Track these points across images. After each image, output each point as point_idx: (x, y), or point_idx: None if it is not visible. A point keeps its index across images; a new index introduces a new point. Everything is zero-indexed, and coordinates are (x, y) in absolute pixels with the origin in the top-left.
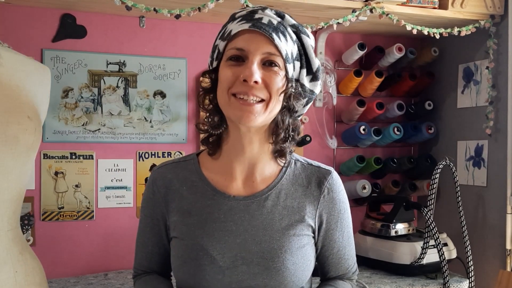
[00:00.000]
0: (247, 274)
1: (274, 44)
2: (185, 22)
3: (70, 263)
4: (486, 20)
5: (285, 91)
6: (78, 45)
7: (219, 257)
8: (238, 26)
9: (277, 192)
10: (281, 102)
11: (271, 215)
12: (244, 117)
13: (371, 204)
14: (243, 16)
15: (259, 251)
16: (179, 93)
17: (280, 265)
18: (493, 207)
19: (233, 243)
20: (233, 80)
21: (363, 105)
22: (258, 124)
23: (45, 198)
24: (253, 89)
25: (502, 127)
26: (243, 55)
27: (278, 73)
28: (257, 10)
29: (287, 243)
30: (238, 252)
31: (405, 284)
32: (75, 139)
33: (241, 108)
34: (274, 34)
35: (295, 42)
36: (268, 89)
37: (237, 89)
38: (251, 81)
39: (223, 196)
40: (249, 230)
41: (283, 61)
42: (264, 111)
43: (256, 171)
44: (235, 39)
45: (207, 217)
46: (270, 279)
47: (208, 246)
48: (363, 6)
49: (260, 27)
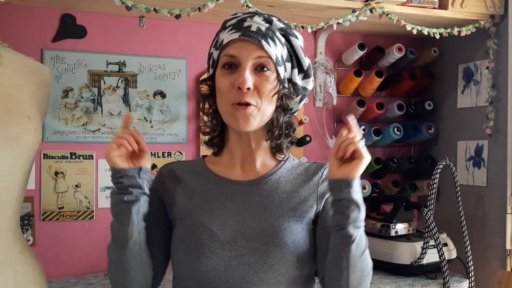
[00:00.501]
0: (247, 248)
1: (264, 50)
2: (185, 22)
3: (70, 263)
4: (486, 20)
5: (278, 92)
6: (78, 45)
7: (219, 232)
8: (229, 36)
9: (276, 178)
10: (275, 103)
11: (270, 197)
12: (241, 123)
13: (371, 204)
14: (233, 25)
15: (259, 227)
16: (179, 93)
17: (279, 241)
18: (493, 207)
19: (233, 220)
20: (230, 88)
21: (363, 105)
22: (254, 127)
23: (45, 198)
24: (246, 95)
25: (502, 127)
26: (236, 62)
27: (270, 76)
28: (245, 18)
29: (286, 222)
30: (238, 228)
31: (405, 284)
32: (75, 139)
33: (237, 115)
34: (263, 40)
35: (284, 45)
36: (259, 94)
37: (234, 98)
38: (244, 88)
39: (225, 181)
40: (248, 209)
41: (273, 64)
42: (257, 114)
43: (256, 162)
44: (227, 47)
45: (209, 199)
46: (269, 255)
47: (209, 223)
48: (363, 6)
49: (249, 35)
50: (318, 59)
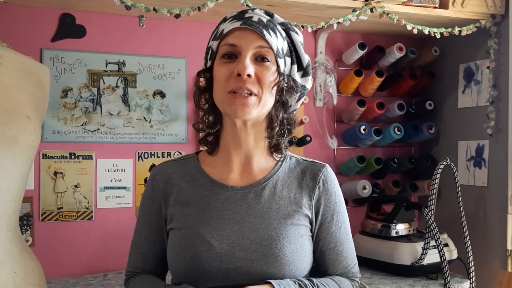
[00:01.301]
0: (245, 260)
1: (265, 40)
2: (184, 22)
3: (69, 264)
4: (487, 19)
5: (277, 84)
6: (77, 45)
7: (216, 244)
8: (230, 25)
9: (273, 182)
10: (274, 96)
11: (268, 204)
12: (239, 111)
13: (372, 204)
14: (234, 16)
15: (257, 238)
16: (179, 93)
17: (278, 251)
18: (494, 207)
19: (230, 231)
20: (229, 77)
21: (364, 105)
22: (252, 117)
23: (44, 198)
24: (246, 83)
25: (503, 127)
26: (236, 51)
27: (270, 68)
28: (247, 10)
29: (284, 231)
30: (235, 239)
31: (405, 285)
32: (74, 139)
33: (236, 102)
34: (264, 30)
35: (285, 39)
36: (260, 83)
37: (232, 86)
38: (244, 74)
39: (221, 187)
40: (246, 218)
41: (274, 55)
42: (258, 104)
43: (252, 164)
44: (227, 37)
45: (205, 207)
46: (268, 266)
47: (206, 233)
48: (363, 6)
49: (251, 24)
50: (318, 58)
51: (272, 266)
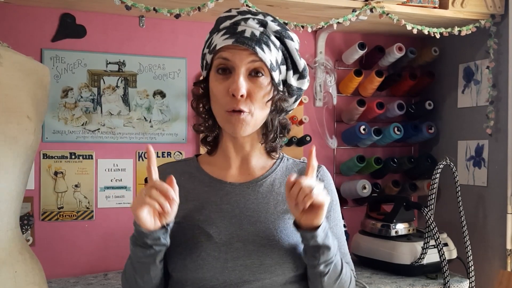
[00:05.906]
0: (243, 251)
1: (258, 56)
2: (184, 22)
3: (69, 263)
4: (486, 19)
5: (272, 98)
6: (77, 45)
7: (215, 235)
8: (222, 42)
9: (271, 180)
10: (268, 107)
11: (266, 199)
12: (237, 130)
13: (371, 204)
14: (227, 28)
15: (255, 230)
16: (179, 92)
17: (275, 243)
18: (494, 207)
19: (228, 223)
20: (225, 94)
21: (363, 104)
22: (248, 133)
23: (44, 198)
24: (239, 103)
25: (502, 127)
26: (229, 66)
27: (263, 82)
28: (239, 21)
29: (282, 224)
30: (233, 231)
31: (405, 284)
32: (74, 139)
33: (233, 121)
34: (257, 47)
35: (279, 48)
36: (252, 100)
37: (228, 105)
38: (238, 95)
39: (220, 183)
40: (244, 211)
41: (268, 69)
42: (251, 119)
43: (251, 162)
44: (220, 51)
45: (204, 202)
46: (265, 257)
47: (205, 225)
48: (363, 6)
49: (243, 42)
50: (318, 58)
51: (270, 257)
